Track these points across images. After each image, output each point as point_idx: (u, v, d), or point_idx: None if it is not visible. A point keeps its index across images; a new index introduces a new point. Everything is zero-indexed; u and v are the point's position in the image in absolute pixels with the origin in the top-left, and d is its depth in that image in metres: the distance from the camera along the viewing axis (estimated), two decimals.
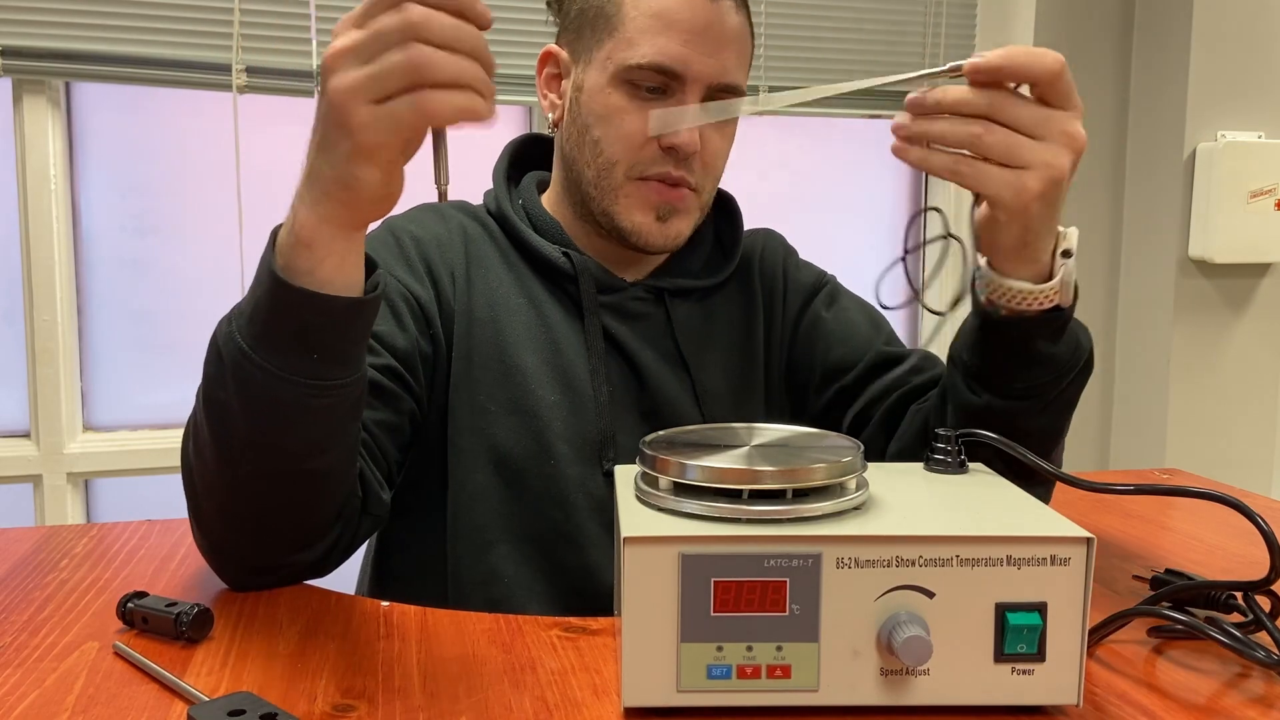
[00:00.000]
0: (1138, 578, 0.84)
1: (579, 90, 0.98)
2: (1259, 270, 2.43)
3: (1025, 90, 0.72)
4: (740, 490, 0.60)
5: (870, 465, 0.70)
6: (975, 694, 0.59)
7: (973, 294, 0.82)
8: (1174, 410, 2.41)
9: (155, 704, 0.61)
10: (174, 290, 2.03)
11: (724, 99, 0.95)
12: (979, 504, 0.64)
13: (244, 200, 2.00)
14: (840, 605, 0.58)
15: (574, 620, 0.74)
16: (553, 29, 1.05)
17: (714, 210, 1.07)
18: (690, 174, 0.95)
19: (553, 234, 1.02)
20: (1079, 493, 1.05)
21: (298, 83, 1.97)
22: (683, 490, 0.62)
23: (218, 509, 0.74)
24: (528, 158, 1.10)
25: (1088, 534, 0.58)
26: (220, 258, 2.02)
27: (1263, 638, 0.67)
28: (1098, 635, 0.70)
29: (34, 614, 0.75)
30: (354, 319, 0.70)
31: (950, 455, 0.71)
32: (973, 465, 0.74)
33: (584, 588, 0.94)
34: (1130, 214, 2.49)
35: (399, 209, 1.05)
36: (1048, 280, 0.77)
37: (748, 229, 1.11)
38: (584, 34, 0.98)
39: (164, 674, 0.63)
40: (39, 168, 1.90)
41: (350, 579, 1.13)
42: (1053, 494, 0.93)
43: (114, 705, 0.61)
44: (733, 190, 1.10)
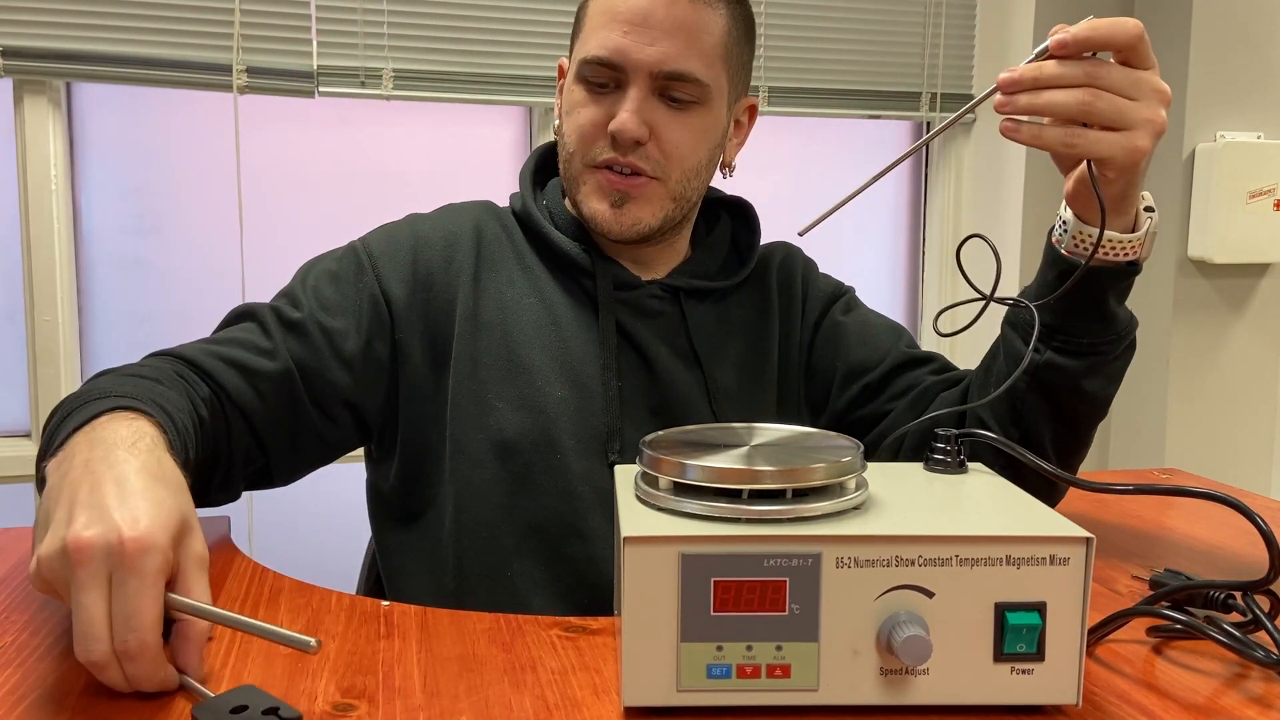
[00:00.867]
0: (1137, 578, 0.85)
1: (562, 92, 1.04)
2: (1258, 270, 2.43)
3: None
4: (740, 490, 0.60)
5: (870, 465, 0.70)
6: (975, 694, 0.59)
7: (1050, 250, 0.87)
8: (1173, 410, 2.41)
9: (155, 703, 0.61)
10: (174, 290, 2.03)
11: (675, 87, 0.95)
12: (979, 504, 0.65)
13: (244, 200, 2.00)
14: (840, 605, 0.58)
15: (574, 620, 0.74)
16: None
17: (731, 216, 1.11)
18: (643, 161, 0.97)
19: (571, 231, 1.04)
20: (1079, 493, 1.05)
21: (298, 83, 1.97)
22: (683, 490, 0.62)
23: None
24: (552, 163, 1.12)
25: (1087, 534, 0.58)
26: (220, 258, 2.02)
27: (1262, 637, 0.67)
28: (1097, 635, 0.70)
29: (35, 613, 0.75)
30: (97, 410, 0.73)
31: (950, 455, 0.72)
32: (973, 465, 0.74)
33: (589, 580, 0.94)
34: None
35: (429, 208, 1.08)
36: (1133, 231, 0.83)
37: (770, 241, 1.14)
38: (572, 43, 1.04)
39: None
40: (39, 168, 1.90)
41: (351, 579, 1.13)
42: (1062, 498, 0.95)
43: (114, 705, 0.61)
44: (731, 190, 1.12)
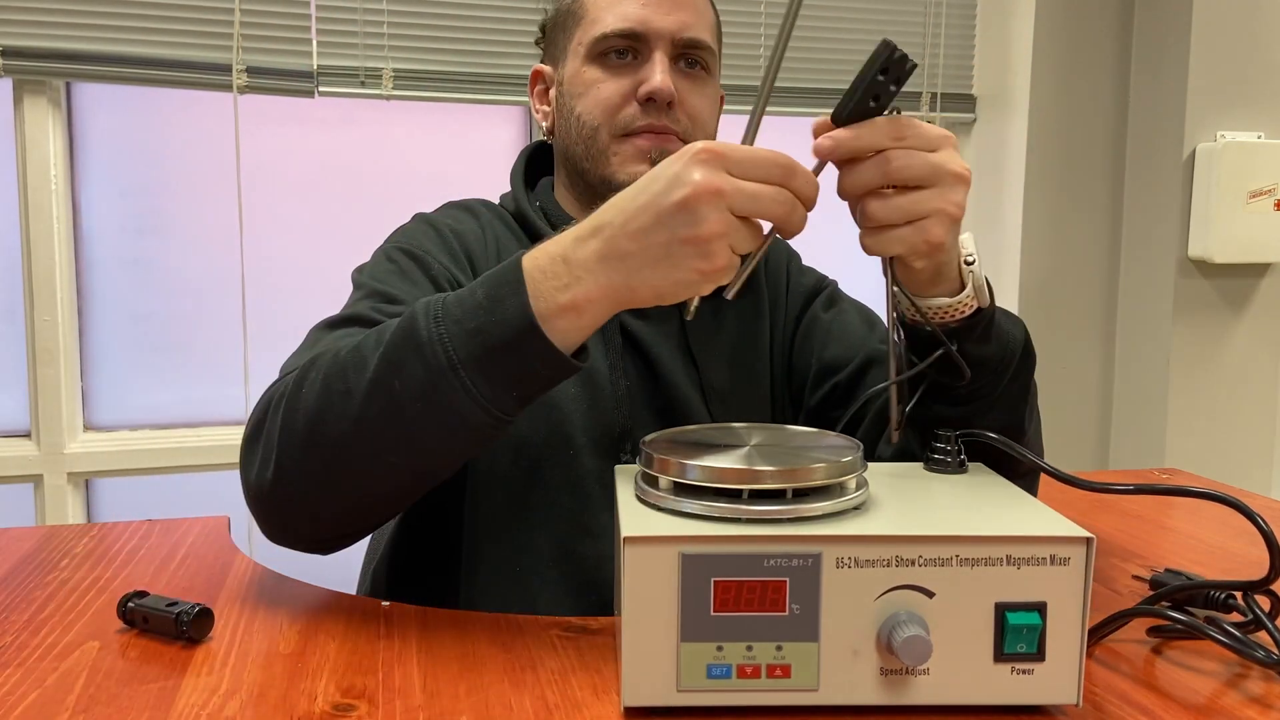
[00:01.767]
0: (1137, 578, 0.85)
1: (560, 85, 1.04)
2: (1258, 270, 2.43)
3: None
4: (740, 490, 0.60)
5: (870, 465, 0.70)
6: (975, 694, 0.59)
7: (895, 318, 0.83)
8: (1173, 410, 2.41)
9: (155, 704, 0.61)
10: (174, 290, 2.03)
11: (692, 53, 0.99)
12: (979, 504, 0.65)
13: (244, 200, 2.00)
14: (840, 605, 0.58)
15: (574, 620, 0.74)
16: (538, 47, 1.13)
17: None
18: (675, 124, 0.99)
19: None
20: (1079, 493, 1.05)
21: (298, 83, 1.97)
22: (683, 490, 0.62)
23: (305, 468, 0.73)
24: (542, 163, 1.13)
25: (1087, 534, 0.58)
26: (220, 258, 2.02)
27: (1262, 637, 0.67)
28: (1097, 635, 0.70)
29: (35, 613, 0.75)
30: (563, 378, 0.71)
31: (950, 455, 0.72)
32: (973, 465, 0.74)
33: (598, 578, 0.94)
34: (1130, 214, 2.49)
35: (429, 208, 1.07)
36: (961, 290, 0.78)
37: None
38: (557, 39, 1.04)
39: None
40: (39, 168, 1.90)
41: (351, 579, 1.13)
42: (1039, 486, 0.93)
43: (114, 705, 0.61)
44: None
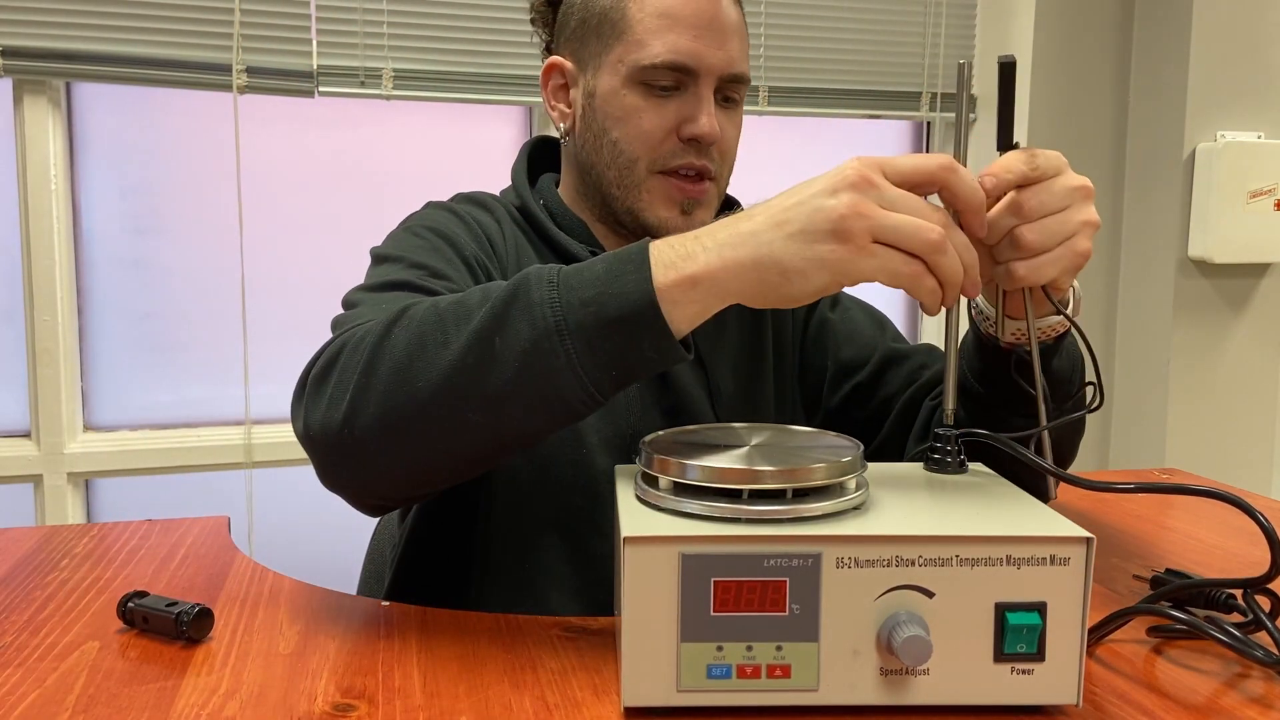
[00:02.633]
0: (1138, 577, 0.85)
1: (591, 97, 1.00)
2: (1258, 270, 2.43)
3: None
4: (740, 490, 0.60)
5: (870, 465, 0.70)
6: (975, 694, 0.59)
7: (983, 342, 0.86)
8: (1174, 410, 2.41)
9: (155, 704, 0.61)
10: (174, 290, 2.03)
11: (733, 89, 0.99)
12: (979, 504, 0.64)
13: (244, 200, 2.00)
14: (840, 605, 0.58)
15: (574, 620, 0.74)
16: (534, 41, 1.09)
17: (718, 213, 1.09)
18: (712, 163, 0.98)
19: (578, 233, 1.03)
20: (1079, 492, 1.05)
21: (298, 83, 1.97)
22: (683, 490, 0.62)
23: (381, 412, 0.70)
24: (541, 159, 1.12)
25: (1087, 534, 0.58)
26: (220, 258, 2.02)
27: (1262, 637, 0.67)
28: (1097, 635, 0.70)
29: (34, 613, 0.75)
30: (667, 365, 0.69)
31: (950, 455, 0.72)
32: (973, 465, 0.74)
33: (607, 577, 0.94)
34: (1130, 214, 2.49)
35: (449, 193, 1.06)
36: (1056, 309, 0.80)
37: None
38: (589, 42, 0.99)
39: None
40: (39, 168, 1.90)
41: (351, 579, 1.13)
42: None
43: (114, 705, 0.61)
44: (730, 189, 1.11)
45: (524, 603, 0.92)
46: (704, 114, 0.95)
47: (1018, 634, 0.58)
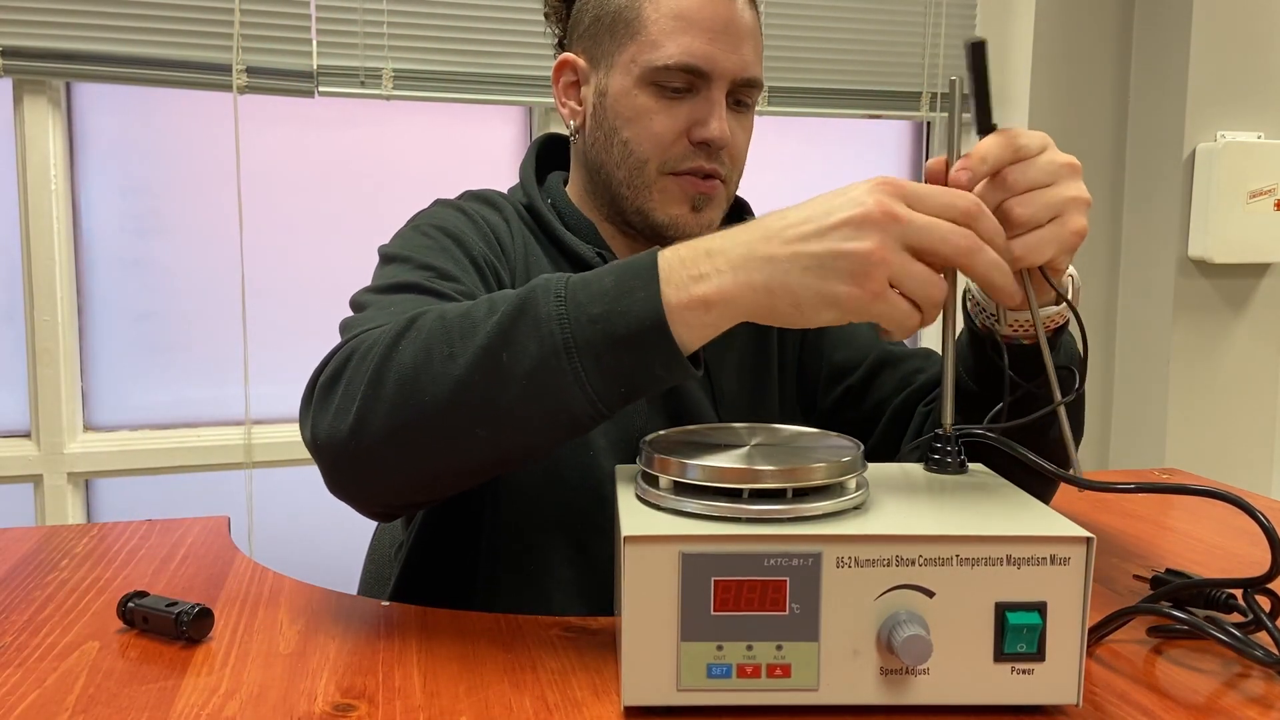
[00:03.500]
0: (1138, 577, 0.85)
1: (602, 95, 0.99)
2: (1258, 270, 2.43)
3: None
4: (740, 490, 0.60)
5: (870, 465, 0.70)
6: (975, 693, 0.59)
7: (980, 336, 0.85)
8: (1173, 410, 2.41)
9: (156, 704, 0.61)
10: (174, 290, 2.03)
11: (746, 93, 0.99)
12: (979, 504, 0.64)
13: (244, 200, 2.00)
14: (840, 604, 0.58)
15: (574, 620, 0.74)
16: (549, 32, 1.08)
17: (728, 216, 1.09)
18: (720, 165, 0.98)
19: (586, 234, 1.03)
20: (1079, 492, 1.05)
21: (298, 83, 1.97)
22: (683, 490, 0.62)
23: (388, 423, 0.69)
24: (549, 157, 1.11)
25: (1087, 534, 0.58)
26: (220, 258, 2.02)
27: (1262, 637, 0.67)
28: (1097, 635, 0.70)
29: (34, 614, 0.75)
30: (675, 382, 0.69)
31: (950, 455, 0.71)
32: (973, 465, 0.74)
33: (610, 579, 0.94)
34: (1130, 214, 2.49)
35: (450, 193, 1.05)
36: (1056, 299, 0.80)
37: None
38: (602, 40, 0.99)
39: None
40: (39, 168, 1.90)
41: (351, 579, 1.13)
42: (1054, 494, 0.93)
43: (114, 705, 0.61)
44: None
45: (528, 604, 0.92)
46: (715, 118, 0.95)
47: (1018, 634, 0.58)
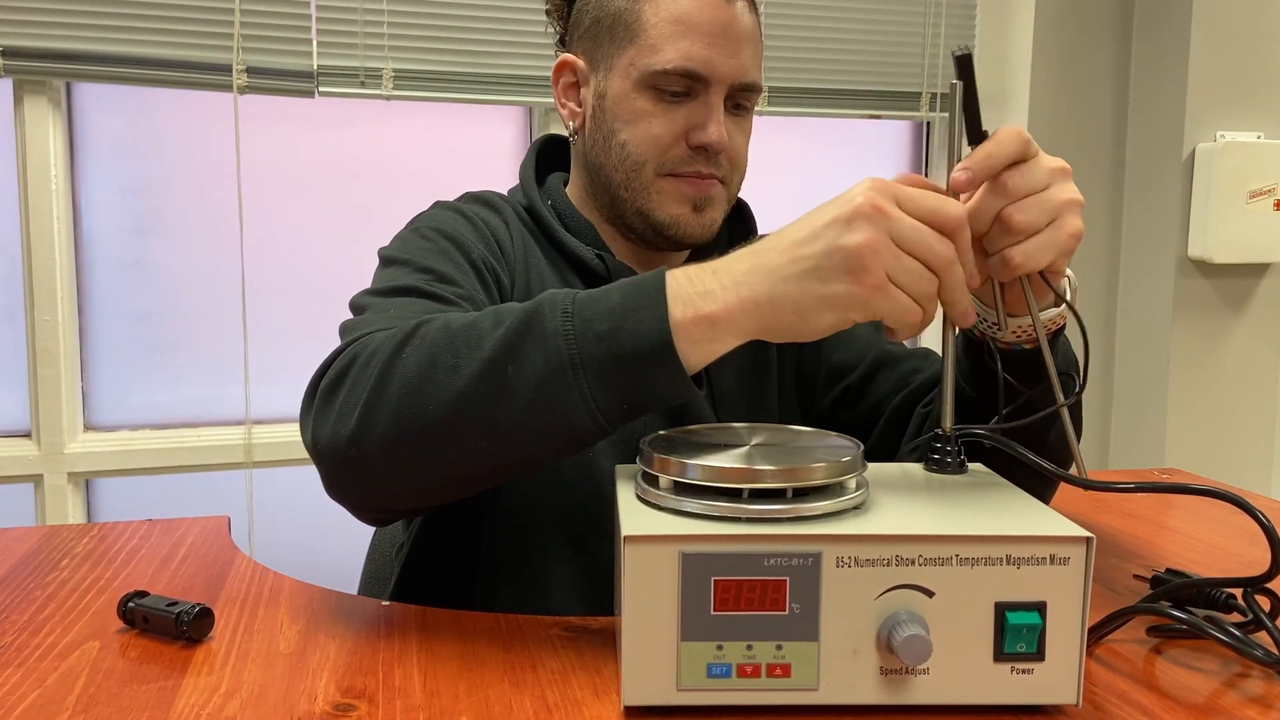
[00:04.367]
0: (1138, 577, 0.85)
1: (601, 97, 0.99)
2: (1258, 270, 2.43)
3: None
4: (740, 489, 0.60)
5: (870, 465, 0.70)
6: (975, 693, 0.59)
7: (979, 341, 0.84)
8: (1173, 410, 2.41)
9: (156, 704, 0.61)
10: (174, 290, 2.03)
11: (745, 97, 0.99)
12: (979, 504, 0.64)
13: (244, 200, 2.00)
14: (840, 604, 0.58)
15: (574, 620, 0.74)
16: (549, 32, 1.08)
17: (727, 218, 1.09)
18: (719, 169, 0.98)
19: (586, 235, 1.03)
20: (1079, 492, 1.05)
21: (298, 83, 1.97)
22: (683, 489, 0.62)
23: (390, 431, 0.69)
24: (549, 158, 1.11)
25: (1087, 534, 0.58)
26: (220, 258, 2.02)
27: (1262, 637, 0.67)
28: (1097, 634, 0.70)
29: (35, 613, 0.75)
30: (678, 400, 0.69)
31: (950, 455, 0.71)
32: (973, 465, 0.74)
33: (610, 579, 0.94)
34: (1130, 214, 2.49)
35: (451, 195, 1.05)
36: (1056, 302, 0.79)
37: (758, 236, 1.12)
38: (602, 42, 0.99)
39: None
40: (39, 168, 1.90)
41: (351, 579, 1.13)
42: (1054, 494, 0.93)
43: (114, 705, 0.61)
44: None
45: (528, 604, 0.92)
46: (713, 122, 0.95)
47: (1018, 634, 0.58)
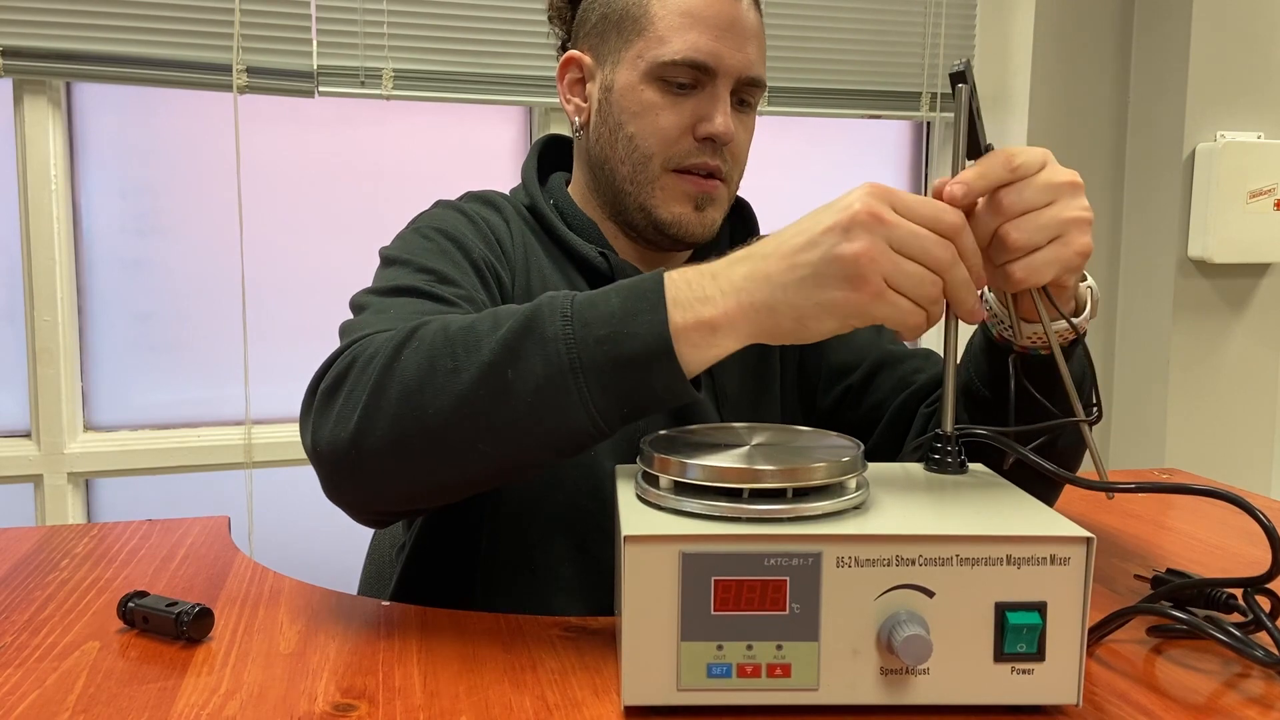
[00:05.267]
0: (1138, 577, 0.85)
1: (608, 91, 1.00)
2: (1258, 270, 2.43)
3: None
4: (741, 489, 0.60)
5: (870, 465, 0.70)
6: (975, 693, 0.59)
7: (994, 345, 0.85)
8: (1173, 410, 2.41)
9: (156, 704, 0.61)
10: (174, 290, 2.03)
11: (749, 93, 0.99)
12: (979, 504, 0.64)
13: (244, 200, 2.00)
14: (840, 604, 0.58)
15: (574, 620, 0.74)
16: (549, 32, 1.09)
17: (728, 217, 1.10)
18: (723, 163, 0.99)
19: (588, 233, 1.03)
20: (1079, 492, 1.05)
21: (298, 83, 1.97)
22: (683, 489, 0.62)
23: (390, 435, 0.70)
24: (552, 158, 1.11)
25: (1087, 534, 0.58)
26: (220, 258, 2.02)
27: (1262, 637, 0.67)
28: (1097, 634, 0.70)
29: (35, 613, 0.75)
30: (677, 404, 0.69)
31: (950, 455, 0.71)
32: (973, 465, 0.74)
33: (609, 578, 0.94)
34: (1130, 214, 2.49)
35: (451, 195, 1.06)
36: (1076, 309, 0.79)
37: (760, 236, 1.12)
38: (609, 37, 1.00)
39: None
40: (39, 168, 1.90)
41: (351, 579, 1.13)
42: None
43: (114, 705, 0.61)
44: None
45: (529, 604, 0.92)
46: (720, 114, 0.95)
47: (1018, 634, 0.58)
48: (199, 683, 0.63)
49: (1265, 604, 0.70)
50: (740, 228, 1.11)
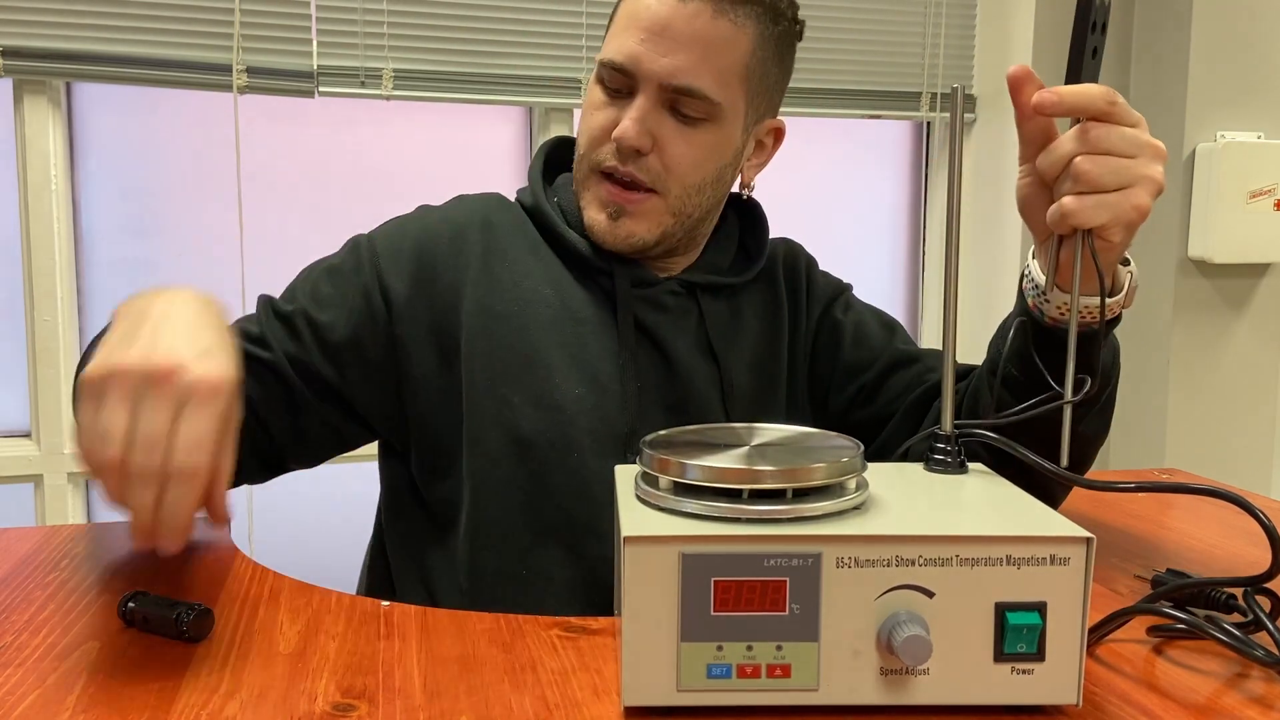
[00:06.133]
0: (1138, 577, 0.85)
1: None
2: (1258, 270, 2.43)
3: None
4: (740, 490, 0.60)
5: (870, 465, 0.70)
6: (975, 693, 0.59)
7: (1028, 316, 0.84)
8: (1173, 411, 2.41)
9: (156, 704, 0.61)
10: None
11: (684, 102, 0.95)
12: (979, 504, 0.64)
13: (244, 200, 2.00)
14: (840, 605, 0.58)
15: (574, 620, 0.74)
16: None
17: (738, 215, 1.11)
18: (642, 173, 0.96)
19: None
20: (1079, 492, 1.05)
21: (298, 83, 1.97)
22: (683, 490, 0.62)
23: None
24: (561, 159, 1.12)
25: (1087, 534, 0.58)
26: (220, 258, 2.02)
27: (1262, 637, 0.67)
28: (1097, 634, 0.70)
29: (35, 613, 0.75)
30: None
31: (950, 455, 0.71)
32: (973, 465, 0.74)
33: (605, 580, 0.94)
34: None
35: (450, 193, 1.08)
36: (1115, 288, 0.80)
37: (772, 238, 1.13)
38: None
39: None
40: (39, 168, 1.90)
41: (351, 579, 1.13)
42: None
43: (114, 705, 0.61)
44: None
45: (520, 607, 0.92)
46: (627, 117, 0.94)
47: (1018, 634, 0.58)
48: (199, 683, 0.63)
49: (1265, 604, 0.70)
50: (750, 228, 1.11)
